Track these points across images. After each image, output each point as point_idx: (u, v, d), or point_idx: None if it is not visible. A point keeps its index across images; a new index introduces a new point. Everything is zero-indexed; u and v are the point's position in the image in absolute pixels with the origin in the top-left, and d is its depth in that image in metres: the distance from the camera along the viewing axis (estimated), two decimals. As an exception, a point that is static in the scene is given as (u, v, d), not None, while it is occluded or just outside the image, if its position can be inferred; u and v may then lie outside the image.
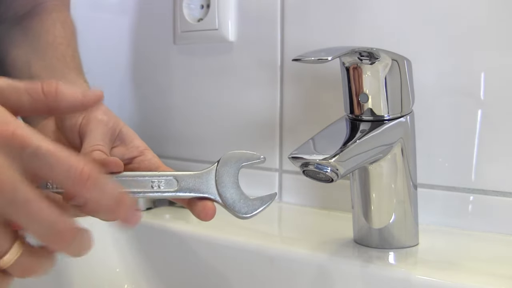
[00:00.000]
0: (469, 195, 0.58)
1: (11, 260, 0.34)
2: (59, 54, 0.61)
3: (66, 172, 0.33)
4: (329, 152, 0.46)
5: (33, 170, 0.33)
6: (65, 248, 0.34)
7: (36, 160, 0.33)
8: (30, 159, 0.33)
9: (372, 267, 0.48)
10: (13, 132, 0.32)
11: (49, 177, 0.34)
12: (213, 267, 0.58)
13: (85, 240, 0.36)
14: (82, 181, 0.33)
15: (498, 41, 0.56)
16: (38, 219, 0.33)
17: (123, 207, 0.36)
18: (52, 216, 0.33)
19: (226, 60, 0.76)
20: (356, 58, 0.48)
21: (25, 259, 0.34)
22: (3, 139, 0.32)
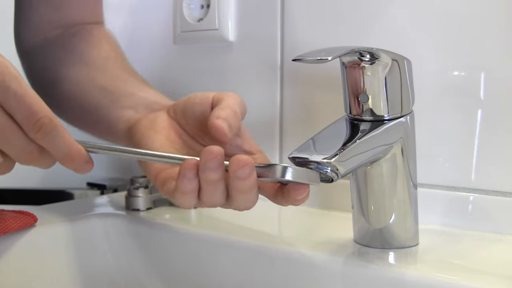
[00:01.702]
0: (469, 195, 0.58)
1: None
2: (120, 65, 0.64)
3: (25, 116, 0.40)
4: (329, 152, 0.46)
5: (2, 102, 0.39)
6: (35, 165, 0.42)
7: (5, 95, 0.39)
8: (4, 92, 0.39)
9: (372, 267, 0.48)
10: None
11: (13, 112, 0.40)
12: (213, 267, 0.58)
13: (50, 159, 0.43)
14: (34, 129, 0.40)
15: (498, 41, 0.56)
16: (9, 142, 0.40)
17: (70, 159, 0.43)
18: (21, 141, 0.41)
19: (226, 60, 0.76)
20: (356, 58, 0.48)
21: (4, 166, 0.43)
22: None
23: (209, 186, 0.44)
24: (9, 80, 0.40)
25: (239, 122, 0.51)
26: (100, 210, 0.70)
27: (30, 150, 0.42)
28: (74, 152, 0.43)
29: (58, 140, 0.42)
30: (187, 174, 0.43)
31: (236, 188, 0.44)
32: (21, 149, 0.41)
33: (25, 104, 0.40)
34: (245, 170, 0.43)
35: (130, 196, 0.67)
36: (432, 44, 0.59)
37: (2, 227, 0.55)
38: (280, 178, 0.44)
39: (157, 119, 0.55)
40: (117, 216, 0.66)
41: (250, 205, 0.46)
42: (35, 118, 0.40)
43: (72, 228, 0.62)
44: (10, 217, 0.58)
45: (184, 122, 0.55)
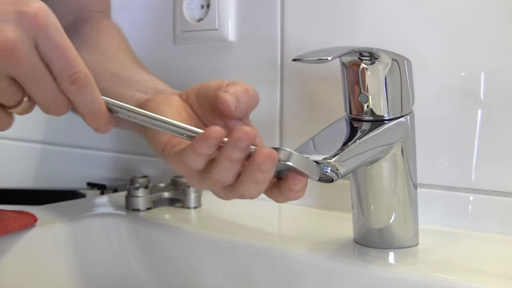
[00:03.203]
0: (469, 195, 0.58)
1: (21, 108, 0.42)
2: (129, 56, 0.65)
3: (63, 67, 0.41)
4: (329, 152, 0.46)
5: (41, 51, 0.40)
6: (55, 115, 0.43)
7: (46, 45, 0.40)
8: (42, 43, 0.40)
9: (372, 267, 0.48)
10: (35, 13, 0.39)
11: (50, 63, 0.41)
12: (213, 267, 0.58)
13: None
14: (69, 82, 0.41)
15: (498, 41, 0.56)
16: (42, 90, 0.41)
17: (95, 118, 0.43)
18: (53, 92, 0.41)
19: (226, 60, 0.76)
20: (356, 58, 0.48)
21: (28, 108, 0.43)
22: (25, 17, 0.39)
23: (227, 163, 0.43)
24: (53, 29, 0.40)
25: (249, 101, 0.50)
26: (100, 210, 0.70)
27: (60, 102, 0.42)
28: (100, 111, 0.43)
29: (89, 96, 0.42)
30: (209, 141, 0.42)
31: (252, 178, 0.44)
32: (51, 99, 0.42)
33: (64, 56, 0.41)
34: (270, 164, 0.43)
35: (130, 196, 0.67)
36: (432, 44, 0.59)
37: (2, 227, 0.55)
38: (283, 162, 0.44)
39: (171, 98, 0.54)
40: (117, 216, 0.66)
41: (257, 194, 0.46)
42: (72, 70, 0.41)
43: (72, 228, 0.62)
44: (10, 217, 0.58)
45: (196, 105, 0.54)
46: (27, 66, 0.40)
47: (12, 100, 0.42)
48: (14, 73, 0.40)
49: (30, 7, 0.39)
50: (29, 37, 0.40)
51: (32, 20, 0.39)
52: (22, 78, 0.41)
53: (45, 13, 0.40)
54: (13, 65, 0.40)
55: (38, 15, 0.39)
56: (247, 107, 0.50)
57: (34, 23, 0.39)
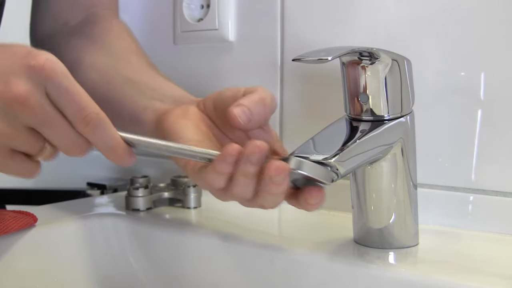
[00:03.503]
0: (469, 195, 0.58)
1: (45, 154, 0.45)
2: (143, 59, 0.65)
3: (74, 111, 0.42)
4: (329, 152, 0.46)
5: (53, 99, 0.42)
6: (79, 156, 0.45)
7: (56, 93, 0.42)
8: (52, 91, 0.42)
9: (372, 267, 0.48)
10: (43, 65, 0.41)
11: (62, 109, 0.43)
12: (213, 267, 0.58)
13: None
14: (82, 124, 0.43)
15: (498, 41, 0.56)
16: (59, 136, 0.43)
17: (114, 153, 0.45)
18: (70, 136, 0.43)
19: (226, 60, 0.76)
20: (356, 58, 0.48)
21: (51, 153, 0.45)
22: (33, 70, 0.41)
23: (244, 179, 0.45)
24: (61, 77, 0.42)
25: (265, 111, 0.50)
26: (100, 210, 0.70)
27: (78, 144, 0.44)
28: (118, 147, 0.45)
29: (104, 135, 0.44)
30: (228, 159, 0.44)
31: (267, 191, 0.45)
32: (70, 142, 0.44)
33: (74, 100, 0.42)
34: (281, 176, 0.44)
35: (130, 196, 0.67)
36: (432, 44, 0.59)
37: (2, 227, 0.55)
38: (293, 171, 0.44)
39: (189, 110, 0.55)
40: (117, 216, 0.66)
41: (275, 205, 0.47)
42: (84, 113, 0.43)
43: (72, 228, 0.62)
44: (10, 217, 0.58)
45: (214, 116, 0.54)
46: (41, 114, 0.42)
47: (34, 148, 0.44)
48: (31, 122, 0.43)
49: (38, 59, 0.42)
50: (39, 88, 0.42)
51: (40, 72, 0.41)
52: (38, 127, 0.43)
53: (51, 63, 0.42)
54: (28, 115, 0.42)
55: (45, 66, 0.41)
56: (261, 117, 0.50)
57: (42, 74, 0.41)
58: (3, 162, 0.44)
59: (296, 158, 0.45)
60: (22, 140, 0.43)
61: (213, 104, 0.55)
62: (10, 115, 0.42)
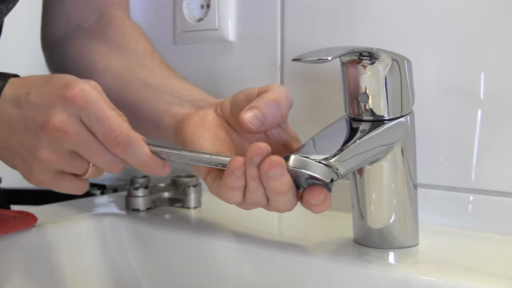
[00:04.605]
0: (469, 195, 0.58)
1: (90, 173, 0.50)
2: (157, 61, 0.66)
3: (105, 134, 0.47)
4: (329, 152, 0.46)
5: (87, 125, 0.47)
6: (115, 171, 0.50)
7: (88, 120, 0.47)
8: (85, 118, 0.47)
9: (372, 267, 0.48)
10: (75, 96, 0.46)
11: (95, 132, 0.47)
12: (213, 267, 0.58)
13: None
14: (114, 145, 0.47)
15: (498, 41, 0.56)
16: (96, 157, 0.48)
17: (147, 167, 0.49)
18: (106, 156, 0.48)
19: (226, 60, 0.76)
20: (356, 58, 0.48)
21: (96, 172, 0.50)
22: (68, 102, 0.46)
23: (252, 183, 0.46)
24: (91, 104, 0.47)
25: (279, 110, 0.51)
26: (100, 210, 0.70)
27: (115, 162, 0.48)
28: (150, 162, 0.48)
29: (135, 153, 0.48)
30: (236, 173, 0.46)
31: (270, 189, 0.46)
32: (107, 162, 0.48)
33: (104, 125, 0.47)
34: (276, 170, 0.44)
35: (130, 196, 0.67)
36: (432, 44, 0.59)
37: (2, 227, 0.55)
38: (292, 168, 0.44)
39: (207, 117, 0.56)
40: (117, 216, 0.66)
41: (289, 206, 0.48)
42: (113, 135, 0.47)
43: (72, 228, 0.62)
44: (10, 217, 0.58)
45: (232, 120, 0.55)
46: (78, 140, 0.47)
47: (80, 169, 0.49)
48: (72, 147, 0.47)
49: (72, 91, 0.46)
50: (75, 117, 0.47)
51: (73, 103, 0.46)
52: (78, 150, 0.48)
53: (83, 93, 0.46)
54: (68, 141, 0.47)
55: (77, 97, 0.46)
56: (277, 117, 0.51)
57: (75, 105, 0.46)
58: (53, 182, 0.49)
59: (296, 156, 0.45)
60: (67, 163, 0.48)
61: (229, 109, 0.55)
62: (53, 143, 0.47)
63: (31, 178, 0.50)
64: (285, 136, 0.53)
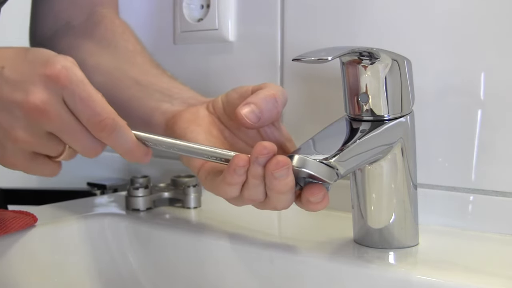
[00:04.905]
0: (469, 195, 0.58)
1: (65, 156, 0.47)
2: (147, 60, 0.65)
3: (90, 117, 0.44)
4: (329, 152, 0.46)
5: (69, 105, 0.44)
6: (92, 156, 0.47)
7: (71, 100, 0.43)
8: (68, 98, 0.43)
9: (372, 267, 0.48)
10: (58, 74, 0.43)
11: (78, 115, 0.44)
12: (213, 267, 0.58)
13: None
14: (98, 129, 0.44)
15: (498, 41, 0.56)
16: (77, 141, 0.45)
17: (131, 155, 0.47)
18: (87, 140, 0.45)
19: (226, 60, 0.76)
20: (356, 58, 0.48)
21: (71, 154, 0.47)
22: (50, 79, 0.43)
23: (254, 180, 0.45)
24: (75, 84, 0.43)
25: (275, 107, 0.50)
26: (100, 210, 0.70)
27: (95, 147, 0.46)
28: (134, 149, 0.46)
29: (120, 139, 0.45)
30: (238, 171, 0.45)
31: (273, 188, 0.45)
32: (87, 146, 0.46)
33: (89, 107, 0.44)
34: (283, 171, 0.44)
35: (130, 196, 0.67)
36: (432, 44, 0.59)
37: (2, 227, 0.55)
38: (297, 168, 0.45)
39: (199, 113, 0.55)
40: (117, 216, 0.66)
41: (287, 204, 0.48)
42: (98, 119, 0.44)
43: (72, 228, 0.62)
44: (10, 217, 0.58)
45: (225, 118, 0.55)
46: (59, 122, 0.44)
47: (55, 151, 0.46)
48: (50, 129, 0.44)
49: (54, 69, 0.43)
50: (56, 96, 0.43)
51: (56, 81, 0.43)
52: (57, 132, 0.45)
53: (66, 71, 0.43)
54: (47, 122, 0.44)
55: (60, 75, 0.43)
56: (273, 114, 0.50)
57: (58, 84, 0.43)
58: (26, 165, 0.46)
59: (299, 156, 0.45)
60: (43, 145, 0.45)
61: (222, 106, 0.55)
62: (31, 123, 0.44)
63: (4, 160, 0.46)
64: (279, 136, 0.53)
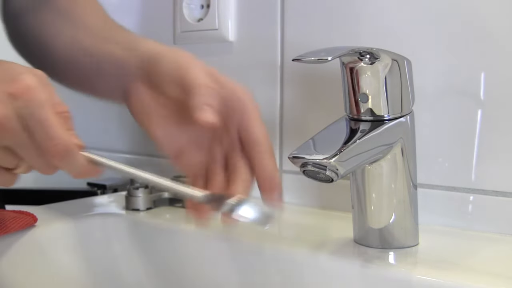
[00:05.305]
0: (469, 195, 0.58)
1: (22, 170, 0.47)
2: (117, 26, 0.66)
3: (43, 140, 0.44)
4: (329, 152, 0.46)
5: (28, 125, 0.44)
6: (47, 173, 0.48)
7: (30, 119, 0.44)
8: (27, 117, 0.44)
9: (372, 267, 0.48)
10: (21, 94, 0.43)
11: (34, 134, 0.44)
12: (213, 267, 0.58)
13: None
14: (50, 154, 0.45)
15: (498, 41, 0.56)
16: (31, 158, 0.46)
17: (81, 176, 0.47)
18: (41, 159, 0.45)
19: (226, 60, 0.76)
20: (356, 58, 0.48)
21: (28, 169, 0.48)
22: (13, 97, 0.43)
23: None
24: (37, 106, 0.44)
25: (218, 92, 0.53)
26: (100, 210, 0.70)
27: (49, 166, 0.47)
28: (85, 171, 0.47)
29: (71, 164, 0.46)
30: None
31: None
32: (40, 164, 0.47)
33: (44, 131, 0.44)
34: None
35: (130, 196, 0.67)
36: (432, 44, 0.59)
37: (2, 227, 0.55)
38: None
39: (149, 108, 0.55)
40: (117, 216, 0.66)
41: None
42: (51, 143, 0.45)
43: (72, 228, 0.62)
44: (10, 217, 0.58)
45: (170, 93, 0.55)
46: (14, 138, 0.44)
47: (10, 164, 0.47)
48: (6, 143, 0.45)
49: (18, 87, 0.44)
50: (15, 113, 0.44)
51: (17, 99, 0.44)
52: (12, 147, 0.45)
53: (29, 90, 0.44)
54: (4, 138, 0.44)
55: (23, 95, 0.44)
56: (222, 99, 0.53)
57: (19, 102, 0.44)
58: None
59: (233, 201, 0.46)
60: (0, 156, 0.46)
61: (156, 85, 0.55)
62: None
63: None
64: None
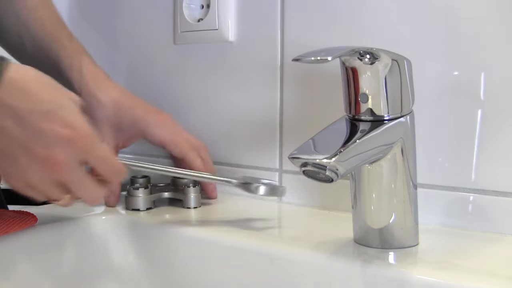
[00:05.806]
0: (469, 195, 0.58)
1: (63, 202, 0.53)
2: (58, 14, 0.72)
3: (108, 171, 0.52)
4: (329, 152, 0.46)
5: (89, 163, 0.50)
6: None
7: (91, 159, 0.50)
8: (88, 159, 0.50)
9: (372, 267, 0.48)
10: (77, 140, 0.48)
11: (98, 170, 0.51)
12: (213, 267, 0.58)
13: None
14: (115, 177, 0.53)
15: (498, 41, 0.56)
16: (86, 192, 0.52)
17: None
18: (94, 192, 0.52)
19: (226, 60, 0.76)
20: (356, 58, 0.48)
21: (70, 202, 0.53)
22: (69, 142, 0.48)
23: None
24: (95, 149, 0.50)
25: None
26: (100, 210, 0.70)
27: (99, 196, 0.53)
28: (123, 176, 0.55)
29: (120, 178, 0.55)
30: None
31: None
32: (92, 196, 0.52)
33: (106, 164, 0.52)
34: None
35: (130, 196, 0.67)
36: (432, 44, 0.59)
37: (2, 227, 0.55)
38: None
39: None
40: (117, 216, 0.66)
41: None
42: (114, 169, 0.52)
43: (72, 228, 0.62)
44: (10, 217, 0.58)
45: None
46: (72, 177, 0.50)
47: (58, 197, 0.52)
48: (64, 181, 0.50)
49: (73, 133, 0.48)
50: (75, 158, 0.49)
51: (75, 145, 0.48)
52: (68, 183, 0.50)
53: (87, 138, 0.49)
54: (64, 177, 0.49)
55: (79, 142, 0.48)
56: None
57: (77, 148, 0.49)
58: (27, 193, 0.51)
59: None
60: (50, 191, 0.51)
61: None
62: (47, 174, 0.49)
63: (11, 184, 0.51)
64: None
